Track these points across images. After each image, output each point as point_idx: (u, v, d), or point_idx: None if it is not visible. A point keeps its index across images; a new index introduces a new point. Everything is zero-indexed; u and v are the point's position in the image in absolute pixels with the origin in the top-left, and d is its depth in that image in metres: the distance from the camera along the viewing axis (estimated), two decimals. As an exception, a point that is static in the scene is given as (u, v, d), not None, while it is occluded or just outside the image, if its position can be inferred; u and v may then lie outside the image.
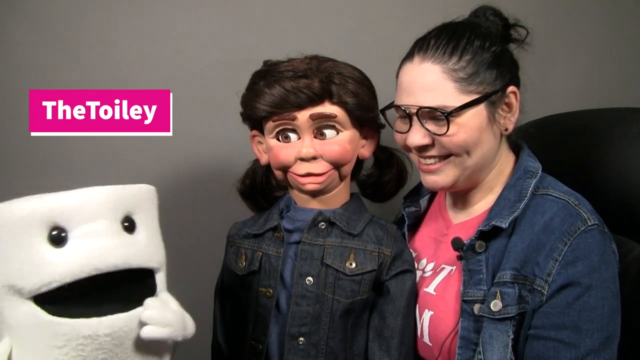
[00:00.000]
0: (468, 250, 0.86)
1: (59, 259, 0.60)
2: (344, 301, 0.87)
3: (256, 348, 0.89)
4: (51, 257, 0.60)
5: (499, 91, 0.86)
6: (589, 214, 0.83)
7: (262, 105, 0.86)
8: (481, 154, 0.87)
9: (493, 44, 0.87)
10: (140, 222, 0.66)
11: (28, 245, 0.60)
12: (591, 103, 1.17)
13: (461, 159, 0.86)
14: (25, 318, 0.61)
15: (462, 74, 0.83)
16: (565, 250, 0.80)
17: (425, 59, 0.85)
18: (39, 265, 0.60)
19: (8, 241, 0.61)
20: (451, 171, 0.87)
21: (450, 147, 0.85)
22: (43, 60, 1.15)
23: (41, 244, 0.60)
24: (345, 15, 1.26)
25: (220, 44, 1.21)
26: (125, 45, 1.17)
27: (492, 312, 0.81)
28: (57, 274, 0.59)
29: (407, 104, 0.86)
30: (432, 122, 0.85)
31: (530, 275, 0.81)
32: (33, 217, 0.60)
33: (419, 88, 0.85)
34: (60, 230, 0.61)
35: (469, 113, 0.84)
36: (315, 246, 0.88)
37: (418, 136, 0.86)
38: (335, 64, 0.89)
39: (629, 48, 1.41)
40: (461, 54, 0.84)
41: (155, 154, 1.20)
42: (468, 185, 0.91)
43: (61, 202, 0.61)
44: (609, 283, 0.80)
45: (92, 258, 0.60)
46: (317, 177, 0.88)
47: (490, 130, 0.86)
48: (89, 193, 0.63)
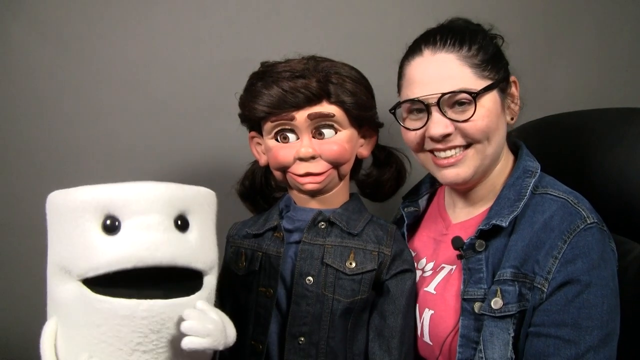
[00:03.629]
0: (468, 249, 0.86)
1: (109, 247, 0.62)
2: (344, 301, 0.87)
3: (256, 348, 0.89)
4: (102, 245, 0.62)
5: (505, 79, 0.88)
6: (588, 212, 0.83)
7: (260, 105, 0.87)
8: (497, 142, 0.88)
9: (492, 37, 0.90)
10: (194, 223, 0.67)
11: (82, 231, 0.62)
12: (591, 103, 1.17)
13: (482, 146, 0.86)
14: (70, 295, 0.63)
15: (476, 60, 0.85)
16: (565, 248, 0.80)
17: (437, 50, 0.85)
18: (89, 251, 0.62)
19: (64, 225, 0.63)
20: (472, 161, 0.87)
21: (473, 133, 0.85)
22: (43, 60, 1.15)
23: (94, 231, 0.62)
24: (343, 16, 1.26)
25: (219, 45, 1.21)
26: (125, 46, 1.17)
27: (493, 310, 0.81)
28: (105, 262, 0.61)
29: (425, 94, 0.85)
30: (452, 110, 0.85)
31: (530, 273, 0.81)
32: (90, 204, 0.62)
33: (436, 77, 0.85)
34: (114, 219, 0.63)
35: (488, 97, 0.85)
36: (315, 246, 0.89)
37: (440, 126, 0.85)
38: (332, 64, 0.89)
39: (629, 48, 1.41)
40: (470, 44, 0.85)
41: (154, 154, 1.20)
42: (479, 180, 0.91)
43: (118, 193, 0.63)
44: (608, 281, 0.80)
45: (141, 250, 0.62)
46: (316, 176, 0.88)
47: (503, 117, 0.88)
48: (147, 187, 0.65)
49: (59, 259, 0.64)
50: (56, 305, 0.66)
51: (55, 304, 0.66)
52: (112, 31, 1.17)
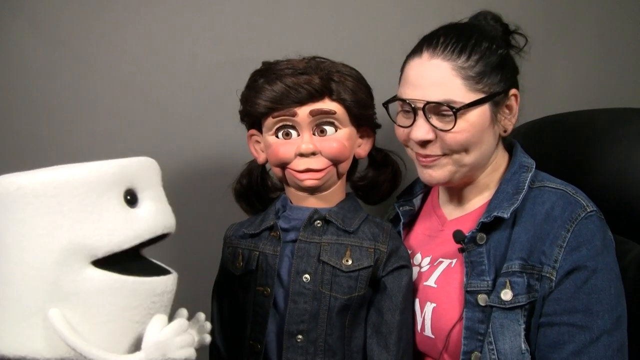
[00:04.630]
0: (469, 243, 0.87)
1: (134, 221, 0.63)
2: (341, 298, 0.87)
3: (255, 347, 0.89)
4: (127, 218, 0.63)
5: (502, 93, 0.87)
6: (587, 202, 0.85)
7: (263, 101, 0.87)
8: (479, 154, 0.88)
9: (499, 46, 0.89)
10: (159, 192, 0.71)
11: (106, 206, 0.62)
12: (591, 103, 1.17)
13: (459, 156, 0.87)
14: (91, 283, 0.60)
15: (471, 72, 0.84)
16: (569, 236, 0.82)
17: (434, 55, 0.85)
18: (116, 225, 0.62)
19: (83, 202, 0.60)
20: (447, 167, 0.88)
21: (452, 145, 0.86)
22: (43, 60, 1.15)
23: (118, 205, 0.63)
24: (343, 16, 1.26)
25: (219, 45, 1.21)
26: (125, 45, 1.17)
27: (503, 302, 0.82)
28: (133, 235, 0.62)
29: (413, 97, 0.86)
30: (437, 117, 0.86)
31: (538, 264, 0.82)
32: (113, 178, 0.62)
33: (427, 83, 0.85)
34: (134, 192, 0.64)
35: (475, 112, 0.85)
36: (311, 244, 0.89)
37: (422, 131, 0.86)
38: (333, 64, 0.90)
39: (628, 48, 1.41)
40: (470, 53, 0.85)
41: (152, 154, 1.20)
42: (464, 182, 0.93)
43: (135, 165, 0.65)
44: (612, 265, 0.82)
45: (162, 220, 0.66)
46: (316, 172, 0.88)
47: (491, 130, 0.88)
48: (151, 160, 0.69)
49: (75, 239, 0.59)
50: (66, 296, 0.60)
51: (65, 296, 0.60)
52: (112, 31, 1.17)
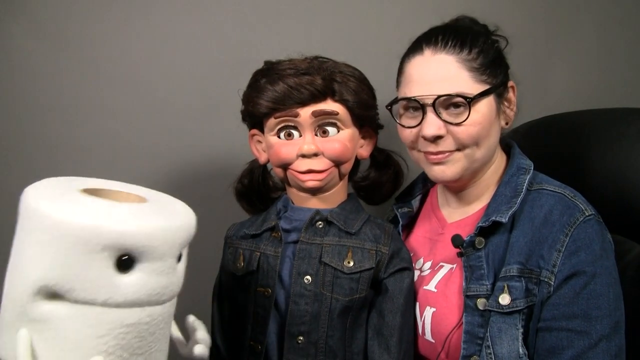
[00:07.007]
0: (468, 247, 0.87)
1: (121, 286, 0.59)
2: (343, 299, 0.87)
3: (255, 348, 0.89)
4: (114, 281, 0.59)
5: (503, 84, 0.88)
6: (585, 205, 0.84)
7: (265, 101, 0.87)
8: (488, 147, 0.88)
9: (494, 41, 0.90)
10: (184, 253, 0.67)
11: (91, 261, 0.58)
12: (591, 103, 1.17)
13: (470, 150, 0.87)
14: (56, 311, 0.59)
15: (475, 64, 0.85)
16: (567, 241, 0.81)
17: (437, 51, 0.86)
18: (98, 283, 0.58)
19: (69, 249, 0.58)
20: (459, 162, 0.88)
21: (464, 138, 0.86)
22: (43, 60, 1.15)
23: (106, 265, 0.58)
24: (346, 15, 1.26)
25: (220, 45, 1.21)
26: (125, 45, 1.17)
27: (501, 306, 0.82)
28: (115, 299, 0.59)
29: (421, 94, 0.86)
30: (447, 112, 0.86)
31: (536, 268, 0.82)
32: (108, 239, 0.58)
33: (433, 78, 0.85)
34: (130, 258, 0.60)
35: (484, 102, 0.86)
36: (313, 245, 0.88)
37: (433, 127, 0.86)
38: (335, 64, 0.90)
39: (629, 48, 1.41)
40: (471, 47, 0.85)
41: (153, 154, 1.20)
42: (470, 179, 0.92)
43: (144, 234, 0.60)
44: (611, 270, 0.82)
45: (152, 296, 0.61)
46: (318, 174, 0.88)
47: (497, 123, 0.89)
48: (169, 229, 0.62)
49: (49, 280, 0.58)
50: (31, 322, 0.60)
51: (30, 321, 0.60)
52: (112, 31, 1.17)
